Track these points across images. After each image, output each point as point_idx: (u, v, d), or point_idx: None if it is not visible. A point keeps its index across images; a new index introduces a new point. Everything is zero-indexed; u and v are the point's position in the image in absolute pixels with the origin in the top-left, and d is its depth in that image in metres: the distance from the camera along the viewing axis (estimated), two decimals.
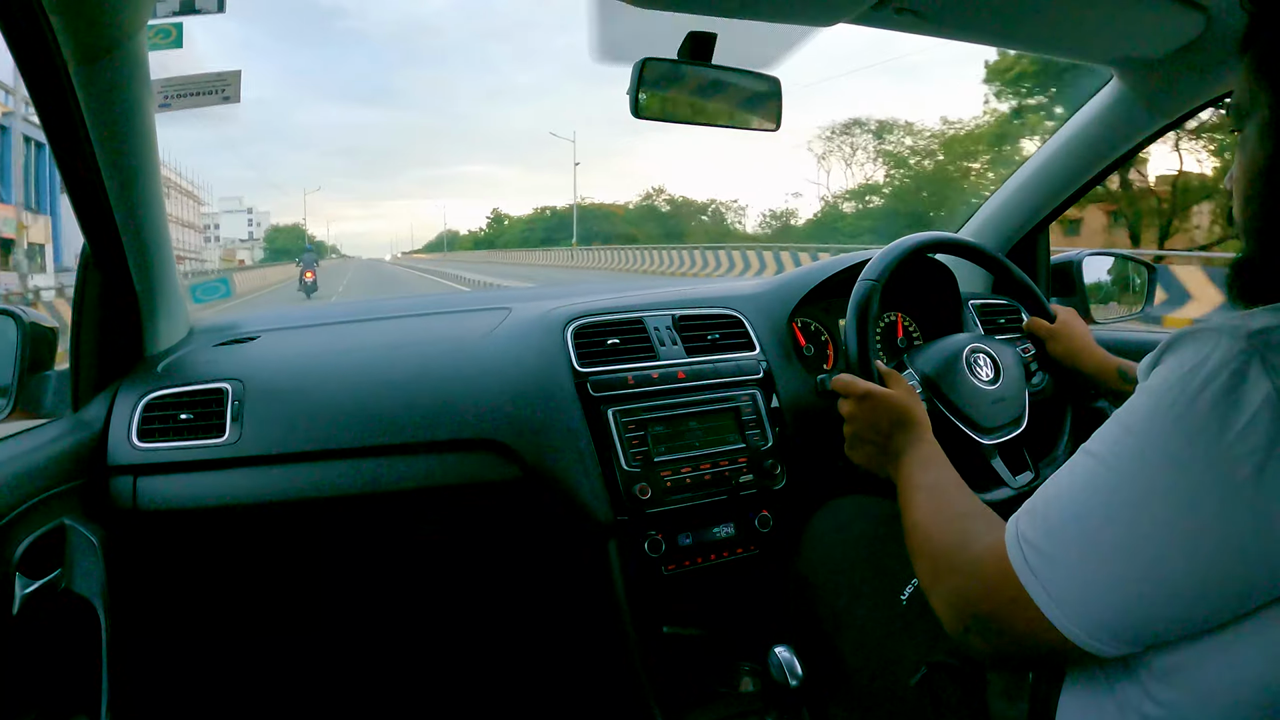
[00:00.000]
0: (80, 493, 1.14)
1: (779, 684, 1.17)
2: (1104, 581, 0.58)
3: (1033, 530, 0.63)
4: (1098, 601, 0.58)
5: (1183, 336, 0.59)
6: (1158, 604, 0.57)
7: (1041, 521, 0.63)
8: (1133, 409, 0.60)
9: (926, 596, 0.76)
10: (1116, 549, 0.57)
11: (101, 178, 1.08)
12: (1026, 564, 0.62)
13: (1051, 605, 0.60)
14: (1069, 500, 0.62)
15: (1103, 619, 0.58)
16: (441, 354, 1.38)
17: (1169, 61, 1.31)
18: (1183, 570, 0.55)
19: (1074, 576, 0.59)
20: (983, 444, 1.15)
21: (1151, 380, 0.60)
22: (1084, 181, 1.63)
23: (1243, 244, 0.68)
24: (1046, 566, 0.61)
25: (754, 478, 1.31)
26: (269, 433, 1.25)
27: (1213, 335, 0.57)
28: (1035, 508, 0.65)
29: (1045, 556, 0.61)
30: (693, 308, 1.45)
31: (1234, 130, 0.69)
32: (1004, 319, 1.58)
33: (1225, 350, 0.55)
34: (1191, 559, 0.55)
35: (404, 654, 1.62)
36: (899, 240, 1.22)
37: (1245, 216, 0.67)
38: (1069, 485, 0.63)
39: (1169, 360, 0.59)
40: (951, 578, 0.72)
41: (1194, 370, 0.56)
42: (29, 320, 1.20)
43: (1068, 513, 0.61)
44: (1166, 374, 0.58)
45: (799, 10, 1.11)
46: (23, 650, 1.02)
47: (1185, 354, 0.58)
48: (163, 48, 1.10)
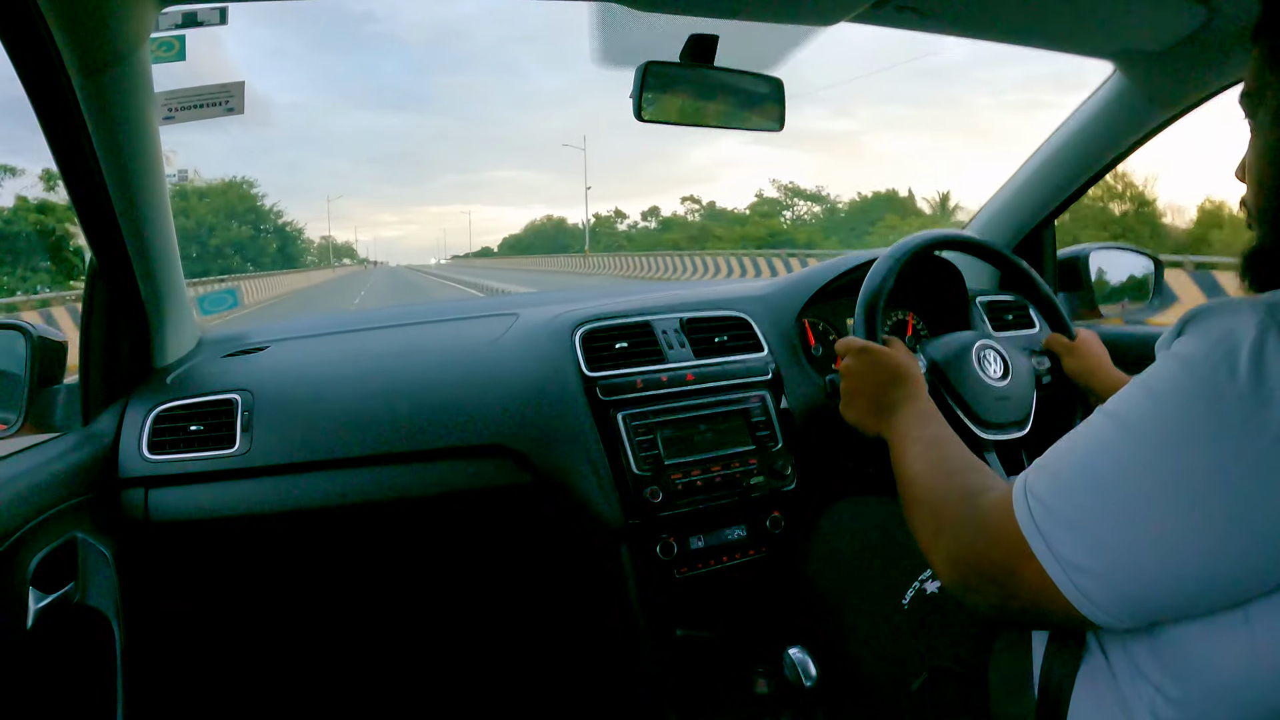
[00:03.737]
0: (92, 506, 1.14)
1: (793, 685, 1.17)
2: (1110, 544, 0.57)
3: (1041, 485, 0.62)
4: (1102, 564, 0.57)
5: (1207, 309, 0.59)
6: (1164, 574, 0.55)
7: (1051, 478, 0.62)
8: (1157, 373, 0.59)
9: (925, 554, 0.75)
10: (1127, 511, 0.56)
11: (107, 190, 1.09)
12: (1033, 519, 0.61)
13: (1054, 563, 0.59)
14: (1082, 458, 0.61)
15: (1105, 583, 0.57)
16: (450, 361, 1.38)
17: (1171, 54, 1.30)
18: (1194, 540, 0.54)
19: (1080, 536, 0.58)
20: (980, 437, 1.14)
21: (1176, 347, 0.59)
22: (1088, 176, 1.62)
23: (1255, 231, 0.67)
24: (1052, 523, 0.59)
25: (765, 479, 1.31)
26: (279, 443, 1.25)
27: (1237, 307, 0.56)
28: (1046, 463, 0.64)
29: (1052, 513, 0.60)
30: (700, 310, 1.45)
31: (1246, 118, 0.68)
32: (1011, 315, 1.58)
33: (1248, 322, 0.55)
34: (1204, 528, 0.54)
35: (417, 661, 1.62)
36: (916, 234, 1.22)
37: (1258, 204, 0.67)
38: (1084, 444, 0.62)
39: (1193, 330, 0.59)
40: (953, 532, 0.70)
41: (1220, 340, 0.55)
42: (38, 334, 1.20)
43: (1079, 471, 0.60)
44: (1193, 343, 0.57)
45: (800, 10, 1.11)
46: (37, 664, 1.02)
47: (1211, 324, 0.57)
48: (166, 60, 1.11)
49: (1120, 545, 0.56)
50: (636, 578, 1.27)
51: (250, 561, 1.39)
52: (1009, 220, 1.75)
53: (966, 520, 0.69)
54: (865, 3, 1.08)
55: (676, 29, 1.16)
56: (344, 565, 1.47)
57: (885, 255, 1.16)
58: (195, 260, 56.94)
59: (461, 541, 1.45)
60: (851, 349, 1.04)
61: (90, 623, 1.11)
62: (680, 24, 1.15)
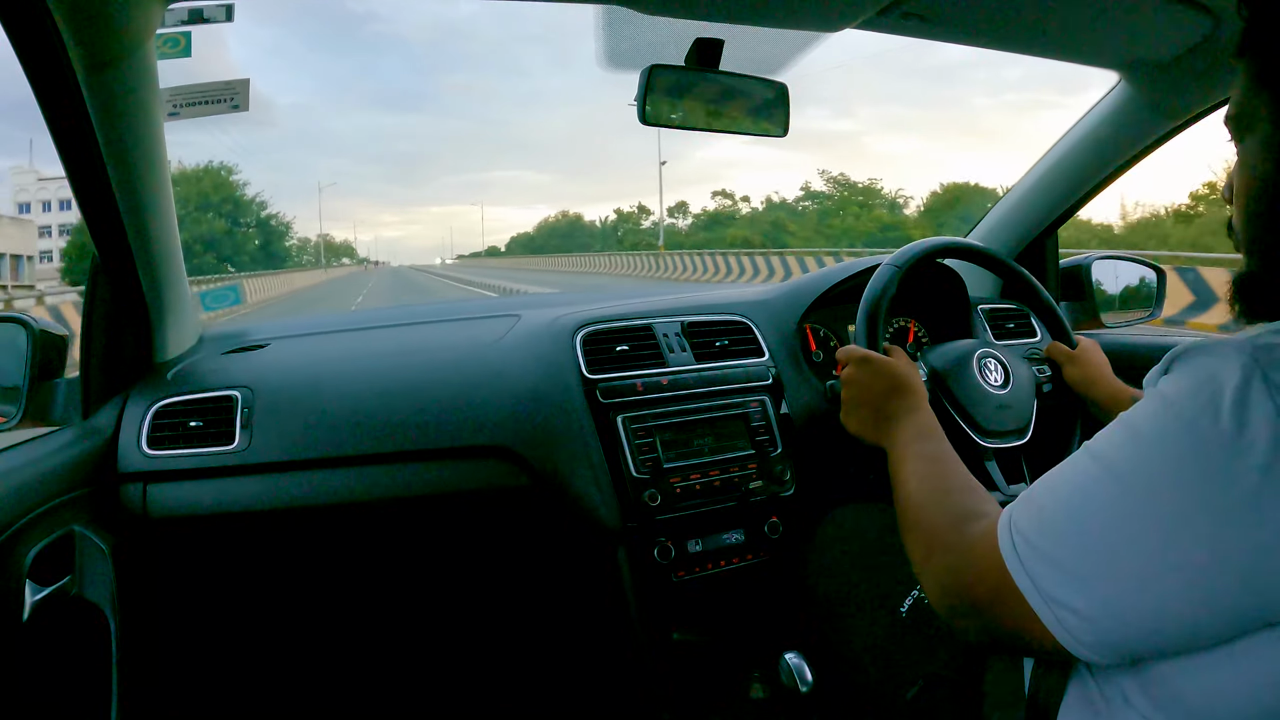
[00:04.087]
0: (90, 500, 1.15)
1: (789, 690, 1.17)
2: (1094, 583, 0.56)
3: (1026, 521, 0.62)
4: (1085, 602, 0.57)
5: (1194, 348, 0.58)
6: (1147, 615, 0.55)
7: (1036, 514, 0.62)
8: (1142, 413, 0.59)
9: (917, 576, 0.75)
10: (1109, 552, 0.56)
11: (111, 186, 1.09)
12: (1017, 555, 0.60)
13: (1038, 598, 0.58)
14: (1066, 498, 0.60)
15: (1089, 621, 0.57)
16: (451, 361, 1.38)
17: (1176, 64, 1.30)
18: (1174, 583, 0.54)
19: (1064, 574, 0.58)
20: (980, 445, 1.14)
21: (1162, 387, 0.58)
22: (1091, 185, 1.62)
23: (1244, 259, 0.66)
24: (1036, 560, 0.59)
25: (763, 484, 1.31)
26: (278, 440, 1.25)
27: (1223, 349, 0.56)
28: (1032, 498, 0.63)
29: (1036, 550, 0.60)
30: (701, 314, 1.45)
31: (1232, 141, 0.66)
32: (1013, 323, 1.58)
33: (1233, 365, 0.54)
34: (1184, 572, 0.53)
35: (413, 660, 1.62)
36: (919, 241, 1.22)
37: (1247, 233, 0.65)
38: (1068, 482, 0.61)
39: (1179, 370, 0.58)
40: (944, 557, 0.70)
41: (1204, 382, 0.55)
42: (39, 328, 1.20)
43: (1063, 510, 0.60)
44: (1178, 383, 0.57)
45: (806, 15, 1.11)
46: (33, 657, 1.02)
47: (1196, 365, 0.57)
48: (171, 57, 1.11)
49: (1103, 585, 0.56)
50: (633, 580, 1.27)
51: (248, 558, 1.39)
52: (1012, 228, 1.75)
53: (956, 547, 0.69)
54: (871, 9, 1.08)
55: (681, 33, 1.15)
56: (341, 564, 1.47)
57: (887, 262, 1.16)
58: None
59: (459, 542, 1.45)
60: (853, 358, 1.03)
61: (86, 616, 1.11)
62: (685, 28, 1.15)
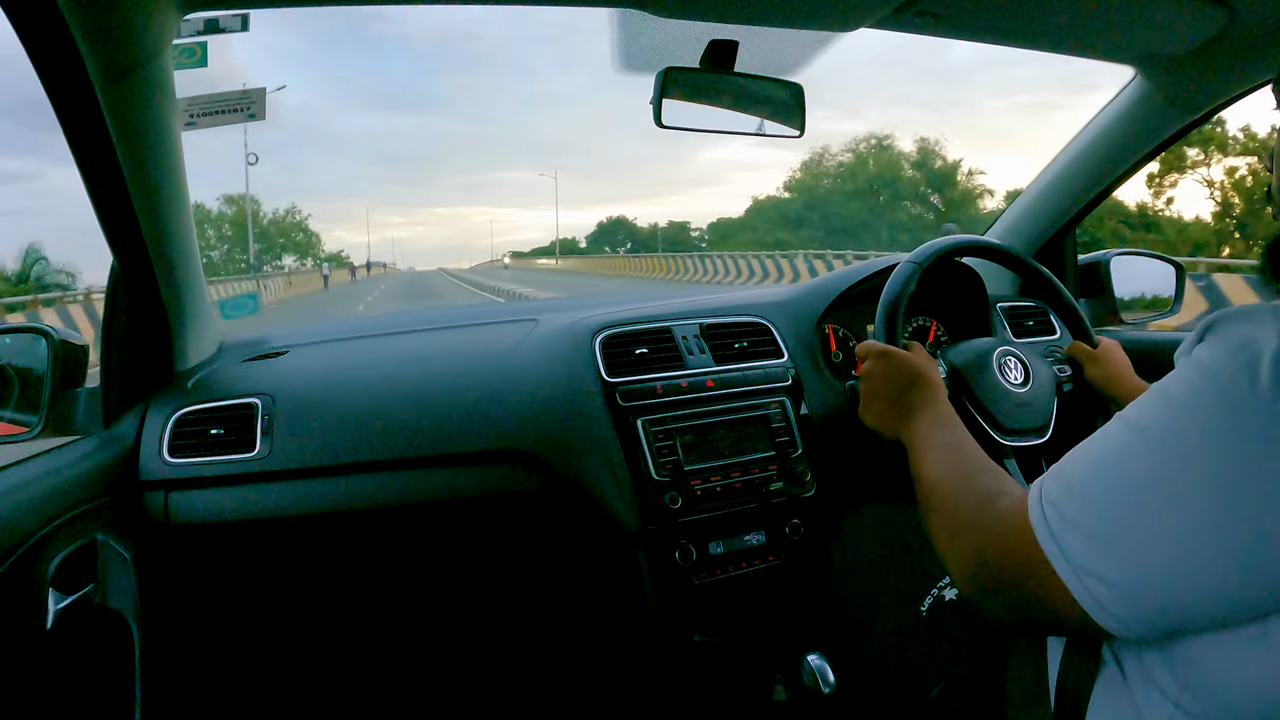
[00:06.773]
0: (112, 508, 1.15)
1: (811, 692, 1.16)
2: (1126, 554, 0.55)
3: (1057, 492, 0.61)
4: (1118, 573, 0.56)
5: (1228, 315, 0.57)
6: (1179, 585, 0.54)
7: (1067, 485, 0.61)
8: (1176, 380, 0.58)
9: (941, 558, 0.74)
10: (1142, 521, 0.55)
11: (129, 196, 1.09)
12: (1047, 526, 0.59)
13: (1069, 571, 0.57)
14: (1098, 466, 0.59)
15: (1121, 592, 0.56)
16: (470, 366, 1.38)
17: (1191, 58, 1.29)
18: (1210, 551, 0.52)
19: (1095, 545, 0.57)
20: (999, 443, 1.13)
21: (1197, 354, 0.57)
22: (1109, 181, 1.62)
23: None
24: (1067, 531, 0.58)
25: (784, 485, 1.30)
26: (299, 447, 1.26)
27: (1259, 314, 0.55)
28: (1062, 470, 0.62)
29: (1068, 521, 0.59)
30: (720, 316, 1.44)
31: (1277, 108, 0.67)
32: (1032, 321, 1.57)
33: (1269, 330, 0.53)
34: (1220, 540, 0.52)
35: (436, 664, 1.62)
36: (937, 239, 1.21)
37: None
38: (1100, 451, 0.60)
39: (1213, 337, 0.57)
40: (969, 536, 0.69)
41: (1240, 348, 0.54)
42: (60, 338, 1.21)
43: (1096, 479, 0.59)
44: (1213, 350, 0.56)
45: (820, 16, 1.11)
46: (56, 665, 1.03)
47: (1232, 331, 0.56)
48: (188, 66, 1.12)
49: (1136, 555, 0.55)
50: (654, 583, 1.27)
51: (269, 565, 1.39)
52: (1030, 226, 1.74)
53: (982, 525, 0.68)
54: (886, 9, 1.07)
55: (696, 34, 1.15)
56: (362, 569, 1.47)
57: (906, 260, 1.16)
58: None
59: (480, 546, 1.45)
60: (871, 352, 1.03)
61: (109, 624, 1.12)
62: (700, 30, 1.15)
